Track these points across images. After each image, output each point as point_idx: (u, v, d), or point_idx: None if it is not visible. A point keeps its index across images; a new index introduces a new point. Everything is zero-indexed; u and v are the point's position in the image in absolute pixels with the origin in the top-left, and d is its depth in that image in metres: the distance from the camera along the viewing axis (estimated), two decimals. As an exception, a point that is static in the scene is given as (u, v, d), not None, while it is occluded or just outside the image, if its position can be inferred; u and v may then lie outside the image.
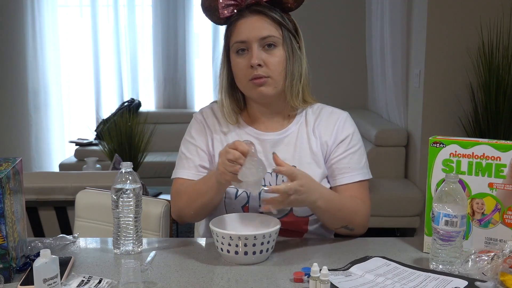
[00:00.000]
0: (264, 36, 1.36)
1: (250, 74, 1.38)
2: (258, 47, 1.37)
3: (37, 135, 5.35)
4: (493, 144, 1.23)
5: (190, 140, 1.50)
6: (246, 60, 1.38)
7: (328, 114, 1.48)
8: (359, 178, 1.42)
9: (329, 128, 1.45)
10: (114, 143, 3.75)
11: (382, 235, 1.43)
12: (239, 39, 1.38)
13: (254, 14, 1.38)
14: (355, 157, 1.44)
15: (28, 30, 5.13)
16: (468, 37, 3.27)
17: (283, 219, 1.40)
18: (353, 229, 1.38)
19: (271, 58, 1.38)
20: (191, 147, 1.48)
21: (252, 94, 1.43)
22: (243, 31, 1.38)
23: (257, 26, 1.37)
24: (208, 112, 1.52)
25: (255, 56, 1.36)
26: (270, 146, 1.44)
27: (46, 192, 2.52)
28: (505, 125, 3.12)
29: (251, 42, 1.37)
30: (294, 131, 1.46)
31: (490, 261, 1.12)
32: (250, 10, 1.38)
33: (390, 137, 3.71)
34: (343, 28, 4.71)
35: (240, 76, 1.41)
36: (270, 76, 1.38)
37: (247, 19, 1.38)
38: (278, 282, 1.12)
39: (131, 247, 1.28)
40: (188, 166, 1.46)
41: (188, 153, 1.48)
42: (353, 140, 1.45)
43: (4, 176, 1.10)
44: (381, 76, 4.30)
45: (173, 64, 5.39)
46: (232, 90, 1.47)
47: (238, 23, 1.39)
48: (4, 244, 1.10)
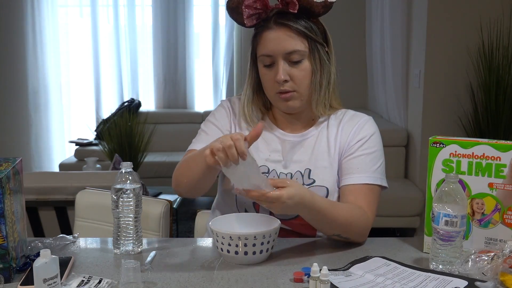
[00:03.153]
0: (289, 51, 1.33)
1: (276, 88, 1.37)
2: (283, 62, 1.34)
3: (37, 135, 5.35)
4: (493, 144, 1.23)
5: (213, 121, 1.49)
6: (272, 74, 1.36)
7: (350, 117, 1.46)
8: (367, 181, 1.36)
9: (348, 129, 1.43)
10: (114, 143, 3.75)
11: (382, 235, 1.43)
12: (264, 52, 1.36)
13: (279, 27, 1.34)
14: (367, 159, 1.39)
15: (28, 30, 5.13)
16: (468, 37, 3.27)
17: (293, 221, 1.40)
18: (348, 238, 1.32)
19: (297, 72, 1.35)
20: (212, 127, 1.47)
21: (279, 106, 1.42)
22: (268, 44, 1.35)
23: (282, 40, 1.33)
24: (236, 102, 1.51)
25: (280, 72, 1.34)
26: (290, 147, 1.43)
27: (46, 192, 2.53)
28: (505, 125, 3.13)
29: (277, 57, 1.34)
30: (314, 134, 1.45)
31: (490, 261, 1.11)
32: (275, 22, 1.34)
33: (390, 137, 3.71)
34: (343, 28, 4.71)
35: (267, 88, 1.40)
36: (297, 90, 1.37)
37: (272, 31, 1.34)
38: (278, 282, 1.12)
39: (131, 247, 1.28)
40: (205, 140, 1.40)
41: (208, 130, 1.47)
42: (370, 142, 1.41)
43: (4, 176, 1.10)
44: (381, 76, 4.31)
45: (173, 64, 5.39)
46: (258, 92, 1.46)
47: (263, 34, 1.36)
48: (4, 244, 1.10)
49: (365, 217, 1.33)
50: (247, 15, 1.35)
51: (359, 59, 4.83)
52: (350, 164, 1.39)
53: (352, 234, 1.32)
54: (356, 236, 1.33)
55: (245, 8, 1.34)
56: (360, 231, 1.33)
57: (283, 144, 1.45)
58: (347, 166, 1.39)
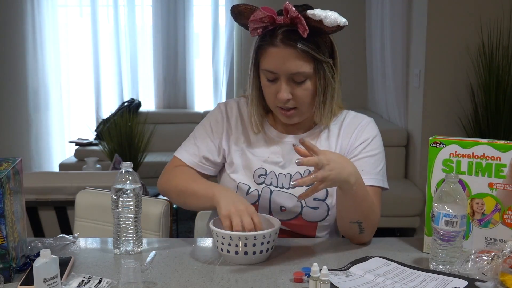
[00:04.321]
0: (294, 73, 1.30)
1: (278, 102, 1.35)
2: (287, 81, 1.32)
3: (37, 135, 5.35)
4: (493, 144, 1.23)
5: (206, 127, 1.49)
6: (274, 88, 1.34)
7: (351, 118, 1.46)
8: (371, 182, 1.36)
9: (350, 131, 1.43)
10: (114, 143, 3.75)
11: (382, 235, 1.43)
12: (268, 68, 1.33)
13: (286, 46, 1.28)
14: (371, 161, 1.39)
15: (28, 30, 5.12)
16: (468, 37, 3.27)
17: (292, 221, 1.40)
18: (363, 230, 1.32)
19: (300, 91, 1.33)
20: (204, 135, 1.48)
21: (279, 118, 1.42)
22: (272, 61, 1.31)
23: (287, 60, 1.29)
24: (233, 106, 1.50)
25: (283, 92, 1.32)
26: (289, 148, 1.43)
27: (46, 192, 2.53)
28: (505, 125, 3.12)
29: (280, 75, 1.32)
30: (314, 135, 1.45)
31: (490, 261, 1.12)
32: (282, 40, 1.29)
33: (390, 137, 3.71)
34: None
35: (269, 100, 1.39)
36: (298, 107, 1.36)
37: (278, 49, 1.30)
38: (278, 282, 1.12)
39: (131, 247, 1.28)
40: (192, 152, 1.46)
41: (198, 139, 1.47)
42: (372, 144, 1.41)
43: (4, 176, 1.10)
44: (381, 76, 4.30)
45: (173, 64, 5.38)
46: (259, 97, 1.43)
47: (268, 49, 1.31)
48: (4, 244, 1.10)
49: (376, 213, 1.34)
50: (253, 28, 1.30)
51: (359, 59, 4.83)
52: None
53: (368, 226, 1.32)
54: (369, 231, 1.33)
55: (251, 22, 1.29)
56: (373, 226, 1.33)
57: (283, 145, 1.44)
58: None
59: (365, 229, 1.32)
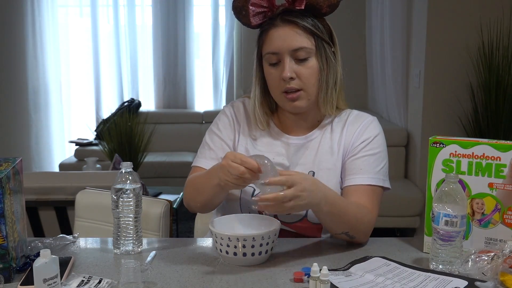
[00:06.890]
0: (296, 48, 1.32)
1: (282, 86, 1.35)
2: (290, 59, 1.33)
3: (37, 135, 5.35)
4: (493, 144, 1.23)
5: (216, 132, 1.48)
6: (278, 72, 1.35)
7: (354, 117, 1.45)
8: (369, 182, 1.36)
9: (352, 130, 1.43)
10: (114, 143, 3.75)
11: (382, 235, 1.43)
12: (270, 50, 1.34)
13: (286, 24, 1.33)
14: (371, 160, 1.39)
15: (28, 30, 5.12)
16: (468, 37, 3.27)
17: (297, 224, 1.39)
18: (354, 237, 1.32)
19: (303, 69, 1.34)
20: (216, 139, 1.47)
21: (285, 107, 1.41)
22: (274, 42, 1.33)
23: (288, 37, 1.32)
24: (239, 107, 1.50)
25: (286, 69, 1.32)
26: (294, 150, 1.43)
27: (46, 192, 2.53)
28: (505, 125, 3.12)
29: (283, 54, 1.33)
30: (317, 136, 1.44)
31: (490, 261, 1.11)
32: (281, 19, 1.33)
33: (390, 137, 3.67)
34: (343, 28, 4.69)
35: (273, 87, 1.39)
36: (303, 88, 1.35)
37: (279, 29, 1.33)
38: (278, 282, 1.12)
39: (131, 247, 1.28)
40: (210, 156, 1.44)
41: (212, 144, 1.46)
42: (373, 143, 1.41)
43: (4, 176, 1.10)
44: (381, 76, 4.31)
45: (173, 64, 5.39)
46: (264, 94, 1.44)
47: (269, 32, 1.35)
48: (4, 244, 1.10)
49: (369, 216, 1.33)
50: (253, 13, 1.34)
51: (359, 59, 4.83)
52: (354, 165, 1.39)
53: (359, 232, 1.32)
54: (361, 235, 1.33)
55: (251, 5, 1.33)
56: (365, 230, 1.33)
57: (288, 148, 1.44)
58: (351, 166, 1.39)
59: (356, 235, 1.32)
